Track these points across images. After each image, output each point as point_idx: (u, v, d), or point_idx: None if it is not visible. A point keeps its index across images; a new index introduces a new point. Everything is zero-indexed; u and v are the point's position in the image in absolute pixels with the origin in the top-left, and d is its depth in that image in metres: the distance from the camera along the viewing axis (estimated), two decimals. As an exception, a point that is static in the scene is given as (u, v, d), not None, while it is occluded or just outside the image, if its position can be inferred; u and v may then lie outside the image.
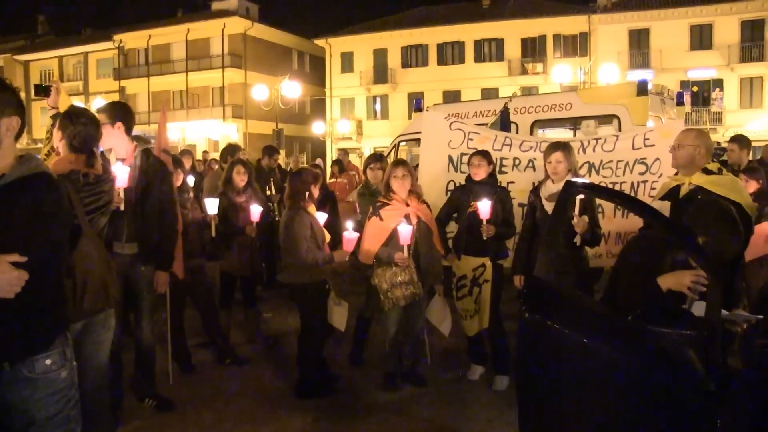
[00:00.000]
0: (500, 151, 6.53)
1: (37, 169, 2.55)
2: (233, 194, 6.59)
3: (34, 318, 2.48)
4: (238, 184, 6.63)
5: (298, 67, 49.42)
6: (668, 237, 3.27)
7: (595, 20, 39.29)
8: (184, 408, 5.24)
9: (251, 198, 6.61)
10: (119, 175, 4.55)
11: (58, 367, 2.53)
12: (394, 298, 5.42)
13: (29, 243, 2.39)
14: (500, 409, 5.09)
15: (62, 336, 2.60)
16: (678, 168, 4.51)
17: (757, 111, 36.64)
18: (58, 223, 2.56)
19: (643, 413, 2.80)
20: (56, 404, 2.53)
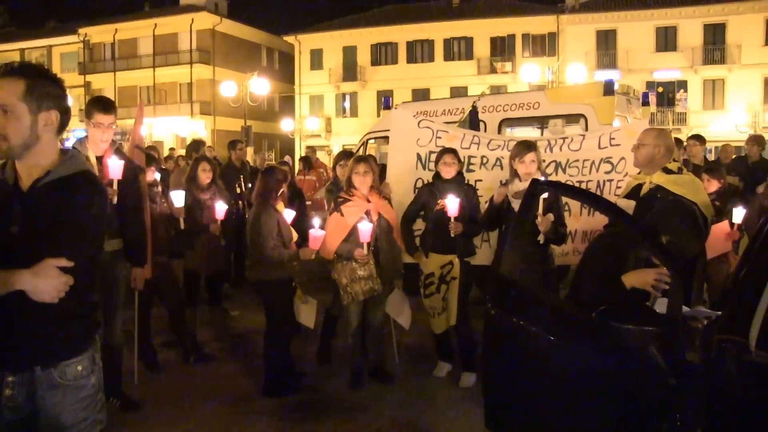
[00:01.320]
0: (468, 150, 6.55)
1: (83, 167, 2.48)
2: (197, 191, 6.52)
3: (72, 323, 2.42)
4: (202, 181, 6.57)
5: (267, 63, 49.09)
6: (632, 235, 3.31)
7: (563, 20, 39.71)
8: (148, 407, 5.17)
9: (216, 195, 6.55)
10: (113, 167, 4.50)
11: (88, 372, 2.48)
12: (353, 292, 5.43)
13: (76, 246, 2.32)
14: (467, 405, 5.12)
15: (93, 341, 2.56)
16: (639, 166, 4.57)
17: (718, 112, 37.37)
18: (102, 225, 2.51)
19: (607, 408, 2.83)
20: (84, 410, 2.47)
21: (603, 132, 6.68)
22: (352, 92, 44.56)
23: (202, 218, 6.42)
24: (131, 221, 4.87)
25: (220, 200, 6.36)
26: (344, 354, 5.99)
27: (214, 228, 6.39)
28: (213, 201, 6.42)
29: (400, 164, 6.69)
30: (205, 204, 6.49)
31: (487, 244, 6.28)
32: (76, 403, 2.44)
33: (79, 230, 2.34)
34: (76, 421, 2.44)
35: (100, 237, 2.54)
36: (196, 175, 6.58)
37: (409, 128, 6.76)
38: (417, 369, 6.05)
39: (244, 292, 8.71)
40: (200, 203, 6.48)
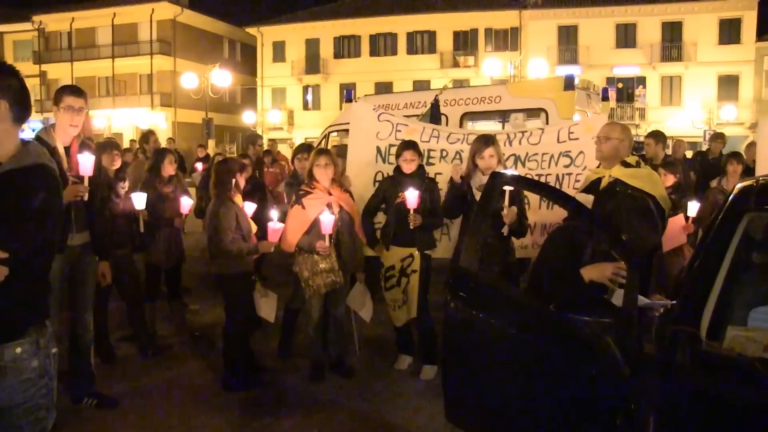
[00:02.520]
0: (428, 143, 6.55)
1: (37, 160, 2.47)
2: (160, 184, 6.40)
3: (8, 309, 2.45)
4: (166, 173, 6.45)
5: (229, 55, 48.56)
6: (590, 229, 3.34)
7: (525, 15, 40.06)
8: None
9: (178, 188, 6.44)
10: (84, 164, 4.42)
11: (28, 356, 2.50)
12: (315, 285, 5.42)
13: (14, 239, 2.34)
14: (428, 398, 5.14)
15: (38, 326, 2.58)
16: (602, 160, 4.62)
17: (676, 108, 38.15)
18: (48, 219, 2.50)
19: (564, 398, 2.85)
20: (24, 392, 2.50)
21: (562, 126, 6.74)
22: (314, 85, 44.38)
23: (164, 211, 6.31)
24: (98, 215, 4.84)
25: (185, 194, 6.26)
26: (305, 348, 5.96)
27: (179, 222, 6.29)
28: (176, 194, 6.31)
29: (360, 157, 6.67)
30: (167, 197, 6.38)
31: (447, 237, 6.30)
32: (16, 385, 2.47)
33: (18, 224, 2.36)
34: (14, 404, 2.49)
35: (46, 231, 2.53)
36: (159, 167, 6.45)
37: (369, 121, 6.75)
38: (378, 362, 6.06)
39: (204, 286, 8.62)
40: (162, 196, 6.36)
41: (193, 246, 10.41)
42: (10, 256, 2.28)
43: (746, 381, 2.32)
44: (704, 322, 2.77)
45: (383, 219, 5.93)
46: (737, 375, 2.37)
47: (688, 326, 2.69)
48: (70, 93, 4.51)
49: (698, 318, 2.76)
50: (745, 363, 2.33)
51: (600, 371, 2.72)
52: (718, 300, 2.97)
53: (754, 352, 2.35)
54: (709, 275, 3.02)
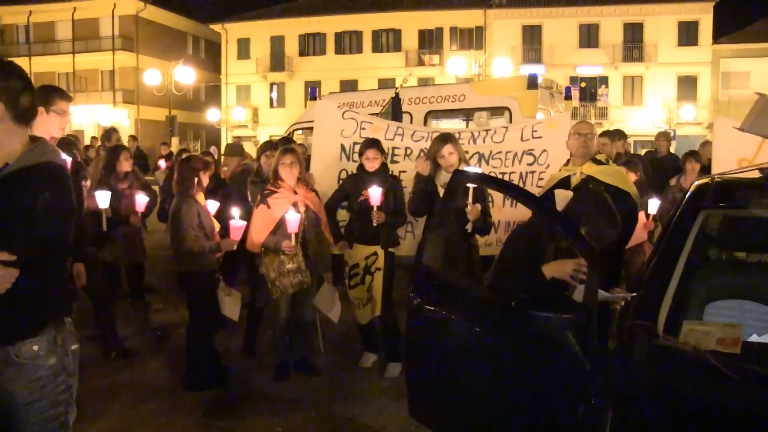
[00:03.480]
0: (392, 141, 6.57)
1: (45, 158, 2.49)
2: (115, 181, 6.29)
3: (24, 306, 2.47)
4: (122, 170, 6.35)
5: (193, 52, 48.03)
6: (551, 226, 3.38)
7: (490, 15, 40.37)
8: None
9: (134, 185, 6.35)
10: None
11: (45, 353, 2.54)
12: (282, 286, 5.38)
13: (22, 241, 2.38)
14: (393, 395, 5.14)
15: (57, 323, 2.60)
16: (584, 157, 4.71)
17: (637, 108, 38.81)
18: (57, 218, 2.52)
19: (527, 394, 2.88)
20: (40, 390, 2.54)
21: (526, 125, 6.81)
22: (279, 82, 44.15)
23: (120, 209, 6.21)
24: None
25: (141, 191, 6.17)
26: (269, 346, 5.93)
27: (135, 220, 6.20)
28: (131, 191, 6.22)
29: (324, 155, 6.66)
30: (123, 194, 6.28)
31: (411, 234, 6.33)
32: (31, 382, 2.52)
33: (26, 224, 2.40)
34: (30, 401, 2.53)
35: (58, 229, 2.55)
36: (114, 164, 6.35)
37: (333, 119, 6.74)
38: (342, 360, 6.05)
39: (168, 285, 8.53)
40: (118, 193, 6.26)
41: (157, 244, 10.30)
42: (18, 257, 2.33)
43: (700, 373, 2.37)
44: (661, 316, 2.83)
45: (347, 217, 5.93)
46: (691, 367, 2.42)
47: (646, 321, 2.74)
48: (62, 97, 4.40)
49: (656, 313, 2.82)
50: (699, 356, 2.39)
51: (561, 366, 2.76)
52: (675, 295, 3.04)
53: (707, 345, 2.41)
54: (666, 271, 3.09)
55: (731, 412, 2.21)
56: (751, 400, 2.21)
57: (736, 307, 3.45)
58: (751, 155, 5.95)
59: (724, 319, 3.29)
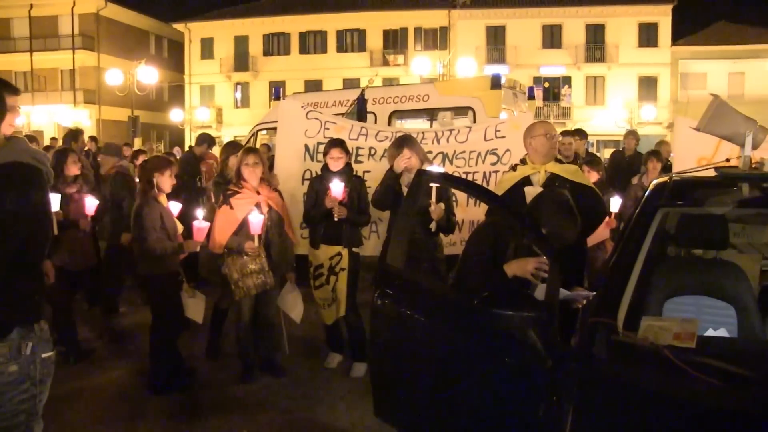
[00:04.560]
0: (356, 141, 6.57)
1: (12, 158, 2.44)
2: (63, 185, 6.15)
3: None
4: (69, 173, 6.21)
5: (156, 51, 47.37)
6: (512, 224, 3.42)
7: (455, 15, 40.58)
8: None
9: (83, 188, 6.23)
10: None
11: (6, 360, 2.48)
12: (245, 287, 5.35)
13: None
14: (358, 395, 5.13)
15: (24, 329, 2.53)
16: (549, 157, 4.77)
17: (600, 108, 39.39)
18: (21, 219, 2.44)
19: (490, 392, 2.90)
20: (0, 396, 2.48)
21: (489, 124, 6.87)
22: (244, 82, 43.84)
23: (68, 213, 6.07)
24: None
25: (90, 195, 6.04)
26: (234, 349, 5.88)
27: (84, 224, 6.07)
28: (80, 194, 6.10)
29: (288, 155, 6.64)
30: (71, 198, 6.14)
31: (376, 234, 6.34)
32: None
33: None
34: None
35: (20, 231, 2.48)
36: (62, 167, 6.20)
37: (297, 119, 6.72)
38: (308, 361, 6.03)
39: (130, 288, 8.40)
40: (66, 197, 6.12)
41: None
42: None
43: (657, 368, 2.41)
44: (621, 313, 2.87)
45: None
46: (649, 362, 2.46)
47: (606, 317, 2.78)
48: (12, 92, 4.30)
49: (615, 309, 2.86)
50: (657, 351, 2.43)
51: (523, 364, 2.79)
52: (635, 292, 3.09)
53: (664, 341, 2.45)
54: (625, 268, 3.14)
55: (687, 404, 2.25)
56: (705, 392, 2.25)
57: (694, 302, 3.51)
58: (710, 154, 6.08)
59: (682, 314, 3.35)
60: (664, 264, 3.76)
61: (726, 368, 2.39)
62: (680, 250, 4.07)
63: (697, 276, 3.62)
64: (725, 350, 2.76)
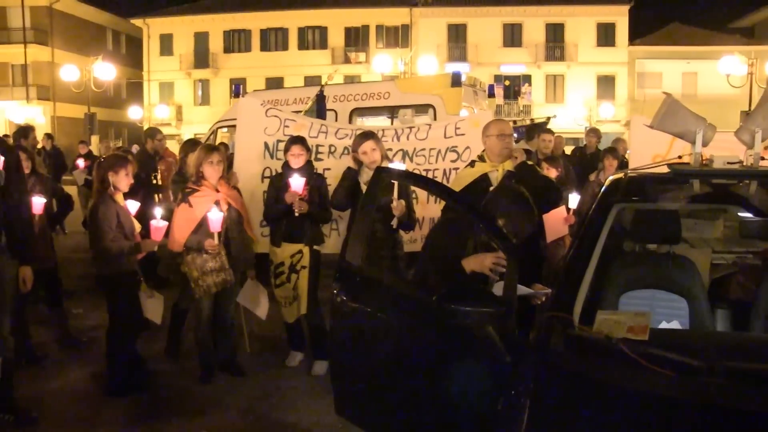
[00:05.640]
0: (316, 138, 6.56)
1: None
2: None
3: None
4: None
5: (113, 47, 46.55)
6: (470, 220, 3.44)
7: (416, 13, 40.75)
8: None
9: (34, 187, 6.10)
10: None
11: None
12: (205, 285, 5.30)
13: None
14: (320, 394, 5.10)
15: None
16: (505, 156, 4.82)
17: (559, 106, 39.88)
18: None
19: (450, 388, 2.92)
20: None
21: (449, 122, 6.91)
22: (204, 79, 43.42)
23: None
24: (15, 214, 4.47)
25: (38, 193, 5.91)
26: (194, 348, 5.82)
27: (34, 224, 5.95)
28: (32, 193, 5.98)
29: (247, 153, 6.59)
30: None
31: (336, 232, 6.33)
32: None
33: None
34: None
35: None
36: None
37: (256, 117, 6.68)
38: (269, 359, 6.00)
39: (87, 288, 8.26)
40: None
41: (76, 247, 9.99)
42: None
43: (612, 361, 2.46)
44: (577, 308, 2.92)
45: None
46: (604, 355, 2.51)
47: (563, 312, 2.83)
48: None
49: (572, 304, 2.91)
50: (611, 344, 2.48)
51: (482, 359, 2.82)
52: (591, 287, 3.14)
53: (618, 334, 2.50)
54: (581, 264, 3.19)
55: (640, 395, 2.30)
56: (657, 383, 2.30)
57: (648, 296, 3.59)
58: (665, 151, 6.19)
59: (636, 308, 3.42)
60: (619, 259, 3.83)
61: (677, 359, 2.45)
62: (635, 245, 4.16)
63: (651, 270, 3.70)
64: (677, 342, 2.83)
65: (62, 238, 12.27)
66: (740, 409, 2.21)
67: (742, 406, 2.21)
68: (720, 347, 2.83)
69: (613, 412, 2.28)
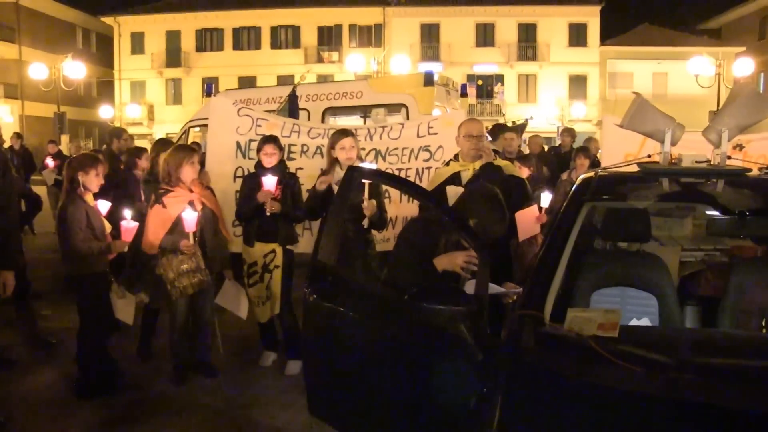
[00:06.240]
0: (288, 138, 6.53)
1: None
2: None
3: None
4: None
5: (84, 45, 45.91)
6: (442, 219, 3.45)
7: (389, 12, 40.82)
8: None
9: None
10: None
11: None
12: (182, 286, 5.26)
13: None
14: (294, 393, 5.09)
15: None
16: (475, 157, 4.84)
17: (532, 105, 40.23)
18: None
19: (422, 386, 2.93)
20: None
21: (422, 121, 6.93)
22: (176, 79, 43.04)
23: None
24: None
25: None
26: (166, 349, 5.77)
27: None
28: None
29: (219, 153, 6.56)
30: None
31: (309, 232, 6.32)
32: None
33: None
34: None
35: None
36: None
37: (228, 116, 6.64)
38: (242, 360, 5.98)
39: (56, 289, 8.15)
40: None
41: (46, 247, 9.85)
42: None
43: (582, 357, 2.48)
44: (548, 305, 2.93)
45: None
46: (574, 352, 2.53)
47: (534, 310, 2.84)
48: None
49: (543, 302, 2.92)
50: (582, 341, 2.49)
51: (454, 358, 2.82)
52: (562, 284, 3.16)
53: (589, 331, 2.52)
54: (552, 262, 3.21)
55: (610, 391, 2.32)
56: (627, 379, 2.32)
57: (619, 294, 3.63)
58: (636, 151, 6.27)
59: (607, 305, 3.45)
60: (590, 257, 3.86)
61: (647, 356, 2.48)
62: (605, 243, 4.20)
63: (621, 268, 3.73)
64: (646, 338, 2.86)
65: (31, 238, 12.12)
66: (708, 404, 2.23)
67: (710, 401, 2.24)
68: (689, 344, 2.88)
69: (584, 408, 2.30)
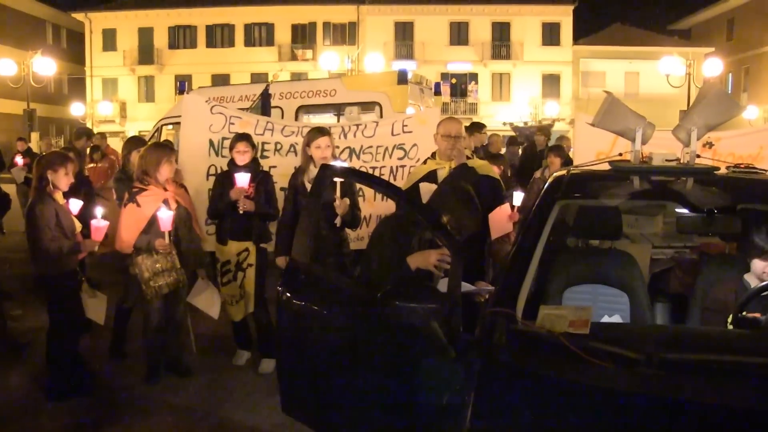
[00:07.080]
0: (262, 136, 6.51)
1: None
2: None
3: None
4: None
5: (54, 41, 45.15)
6: (415, 218, 3.46)
7: (363, 11, 40.78)
8: None
9: None
10: None
11: None
12: (157, 286, 5.21)
13: None
14: (267, 392, 5.08)
15: None
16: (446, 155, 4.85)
17: (505, 104, 40.55)
18: None
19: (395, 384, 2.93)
20: None
21: (396, 119, 6.93)
22: (148, 76, 42.59)
23: None
24: None
25: None
26: (138, 349, 5.71)
27: None
28: None
29: (192, 151, 6.51)
30: None
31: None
32: None
33: None
34: None
35: None
36: None
37: (201, 114, 6.59)
38: (215, 359, 5.95)
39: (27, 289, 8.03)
40: None
41: (15, 247, 9.71)
42: None
43: (554, 354, 2.50)
44: (520, 303, 2.95)
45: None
46: (546, 349, 2.55)
47: (506, 307, 2.86)
48: None
49: (515, 300, 2.94)
50: (553, 338, 2.52)
51: (427, 356, 2.83)
52: (534, 282, 3.19)
53: (560, 328, 2.54)
54: (525, 260, 3.22)
55: (582, 387, 2.34)
56: (598, 375, 2.35)
57: (591, 291, 3.67)
58: (608, 149, 6.32)
59: (579, 302, 3.50)
60: (562, 255, 3.90)
61: (617, 352, 2.51)
62: (577, 240, 4.24)
63: (593, 266, 3.78)
64: (617, 335, 2.89)
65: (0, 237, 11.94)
66: (677, 399, 2.26)
67: (679, 396, 2.27)
68: (659, 340, 2.91)
69: (556, 404, 2.32)
